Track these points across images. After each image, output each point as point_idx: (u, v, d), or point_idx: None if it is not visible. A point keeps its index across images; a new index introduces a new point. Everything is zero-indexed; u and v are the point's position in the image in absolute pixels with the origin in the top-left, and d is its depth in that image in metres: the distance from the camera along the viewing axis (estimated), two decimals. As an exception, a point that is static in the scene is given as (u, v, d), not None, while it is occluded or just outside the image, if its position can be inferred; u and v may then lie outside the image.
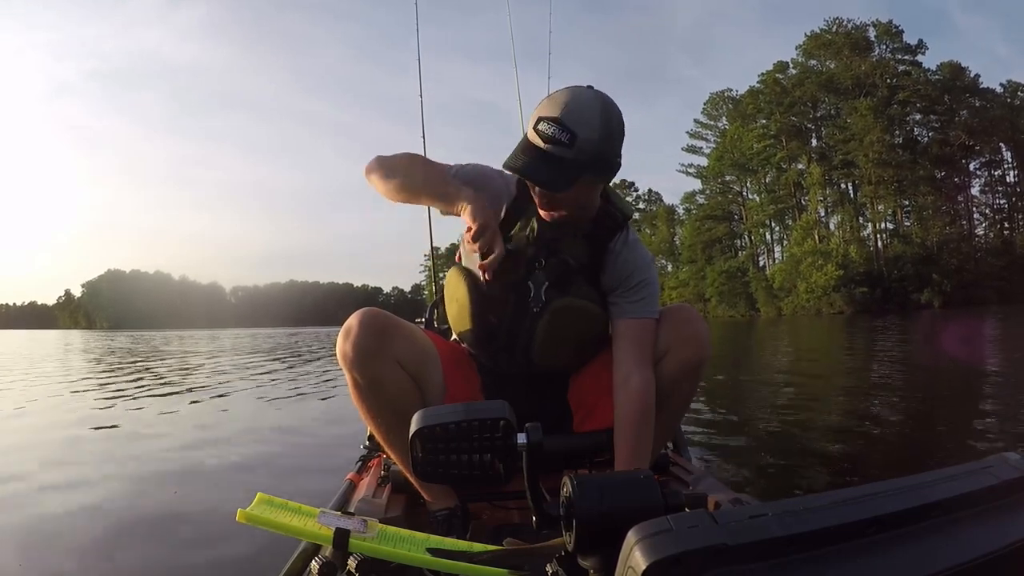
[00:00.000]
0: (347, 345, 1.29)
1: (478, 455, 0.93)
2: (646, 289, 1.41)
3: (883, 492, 0.47)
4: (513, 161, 1.23)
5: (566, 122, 1.19)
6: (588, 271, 1.41)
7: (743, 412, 4.24)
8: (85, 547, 1.92)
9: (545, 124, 1.20)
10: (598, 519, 0.65)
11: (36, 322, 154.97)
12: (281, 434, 3.82)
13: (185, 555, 1.83)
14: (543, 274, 1.39)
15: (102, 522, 2.15)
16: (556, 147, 1.20)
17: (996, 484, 0.50)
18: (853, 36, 52.27)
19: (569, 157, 1.20)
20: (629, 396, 1.32)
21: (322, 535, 1.03)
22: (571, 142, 1.19)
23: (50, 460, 3.17)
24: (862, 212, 52.01)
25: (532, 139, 1.22)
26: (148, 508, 2.30)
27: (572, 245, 1.40)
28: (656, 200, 68.47)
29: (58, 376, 8.68)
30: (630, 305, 1.39)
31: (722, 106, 60.18)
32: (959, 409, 3.78)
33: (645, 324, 1.39)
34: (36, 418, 4.79)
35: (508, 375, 1.48)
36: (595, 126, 1.21)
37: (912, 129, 51.13)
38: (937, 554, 0.43)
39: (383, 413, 1.34)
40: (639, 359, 1.35)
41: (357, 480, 1.73)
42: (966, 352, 7.85)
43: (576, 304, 1.40)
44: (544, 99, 1.26)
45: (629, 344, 1.37)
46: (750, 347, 12.85)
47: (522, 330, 1.42)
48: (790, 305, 47.39)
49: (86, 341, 26.34)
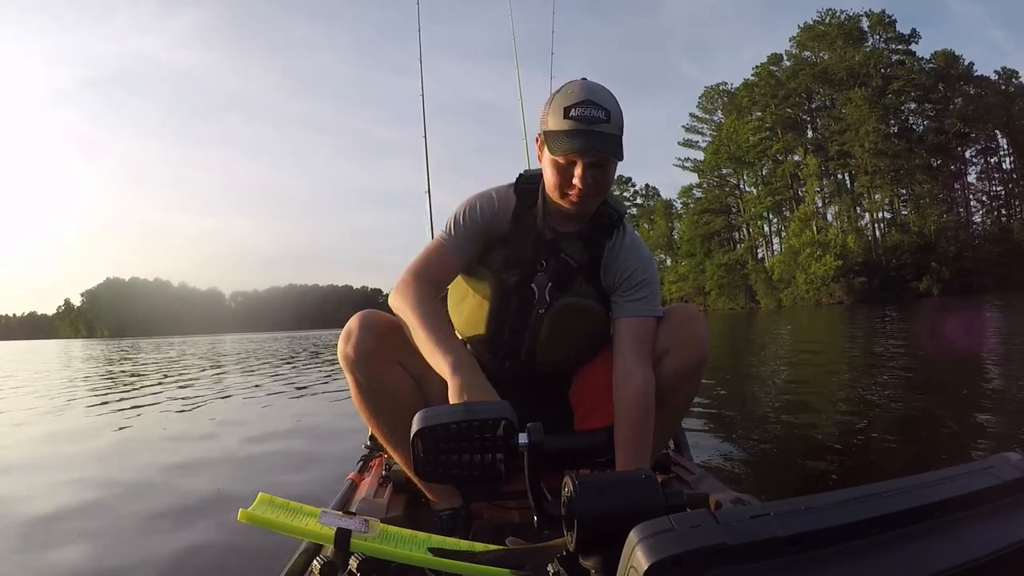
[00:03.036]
0: (348, 347, 1.30)
1: (479, 455, 0.93)
2: (647, 288, 1.42)
3: (885, 492, 0.46)
4: (569, 145, 1.25)
5: (598, 102, 1.26)
6: (588, 270, 1.42)
7: (744, 411, 4.23)
8: (84, 547, 1.93)
9: (580, 108, 1.25)
10: (599, 519, 0.65)
11: (36, 332, 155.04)
12: (282, 434, 3.81)
13: (186, 555, 1.83)
14: (545, 276, 1.41)
15: (101, 523, 2.16)
16: (599, 124, 1.26)
17: (998, 484, 0.49)
18: (846, 27, 52.30)
19: (611, 132, 1.27)
20: (629, 395, 1.32)
21: (323, 535, 1.03)
22: (608, 117, 1.26)
23: (47, 460, 3.16)
24: (859, 202, 52.08)
25: (571, 126, 1.26)
26: (148, 508, 2.29)
27: (571, 246, 1.42)
28: (653, 195, 68.50)
29: (60, 384, 8.67)
30: (630, 304, 1.40)
31: (717, 99, 60.25)
32: (961, 405, 3.77)
33: (645, 323, 1.39)
34: (34, 427, 4.77)
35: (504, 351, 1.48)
36: (614, 103, 1.29)
37: (907, 118, 51.20)
38: (938, 554, 0.43)
39: (385, 414, 1.35)
40: (639, 358, 1.36)
41: (358, 480, 1.73)
42: (967, 341, 7.85)
43: (577, 303, 1.42)
44: (556, 94, 1.32)
45: (629, 343, 1.37)
46: (750, 339, 12.86)
47: (526, 333, 1.43)
48: (789, 296, 47.46)
49: (88, 350, 26.28)
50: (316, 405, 5.31)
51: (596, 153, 1.26)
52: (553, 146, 1.27)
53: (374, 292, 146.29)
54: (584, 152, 1.25)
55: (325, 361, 10.82)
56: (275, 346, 20.86)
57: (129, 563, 1.79)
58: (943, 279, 43.07)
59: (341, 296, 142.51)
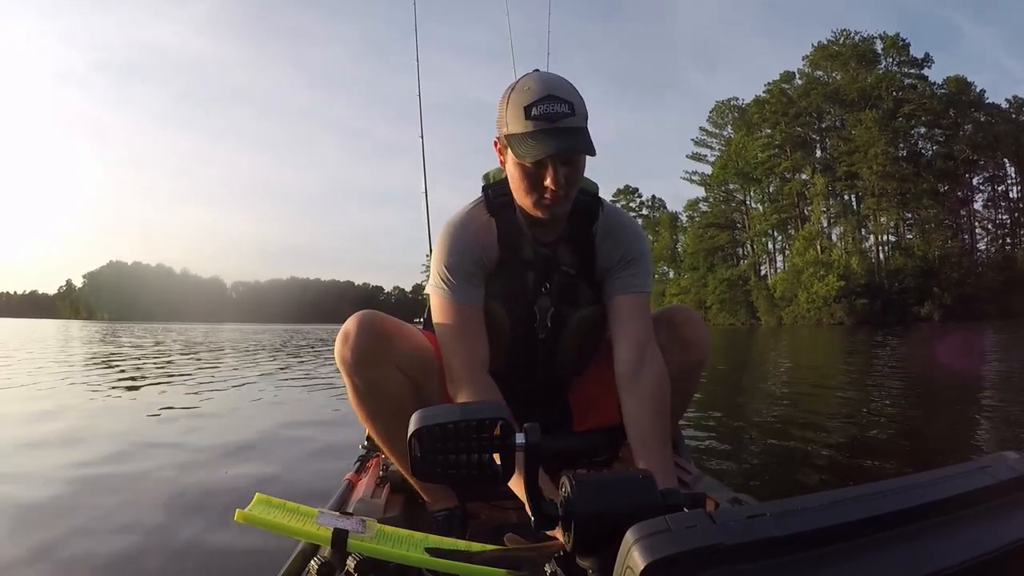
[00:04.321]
0: (345, 350, 1.28)
1: (476, 455, 0.94)
2: (643, 261, 1.39)
3: (881, 492, 0.46)
4: (538, 148, 1.16)
5: (559, 95, 1.18)
6: (584, 271, 1.40)
7: (742, 412, 4.24)
8: (81, 547, 1.87)
9: (542, 106, 1.17)
10: (597, 519, 0.65)
11: (36, 311, 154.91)
12: (279, 434, 3.78)
13: (182, 555, 1.80)
14: (548, 298, 1.38)
15: (98, 522, 2.10)
16: (564, 120, 1.17)
17: (995, 483, 0.49)
18: (860, 48, 52.36)
19: (578, 125, 1.19)
20: (645, 387, 1.28)
21: (320, 535, 1.03)
22: (572, 110, 1.18)
23: (44, 457, 3.14)
24: (864, 224, 51.99)
25: (536, 126, 1.17)
26: (144, 508, 2.24)
27: (564, 254, 1.39)
28: (659, 207, 68.55)
29: (53, 367, 8.67)
30: (628, 280, 1.37)
31: (728, 115, 60.27)
32: (958, 411, 3.78)
33: (644, 299, 1.37)
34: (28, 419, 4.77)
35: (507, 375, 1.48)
36: (575, 93, 1.22)
37: (916, 142, 51.14)
38: (935, 554, 0.43)
39: (382, 416, 1.33)
40: (647, 336, 1.32)
41: (355, 480, 1.72)
42: (965, 363, 7.84)
43: (587, 314, 1.40)
44: (511, 92, 1.23)
45: (628, 322, 1.34)
46: (750, 351, 12.84)
47: (539, 355, 1.42)
48: (790, 314, 47.36)
49: (90, 334, 26.20)
50: (313, 404, 5.28)
51: (570, 151, 1.18)
52: (519, 151, 1.18)
53: (375, 289, 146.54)
54: (556, 154, 1.16)
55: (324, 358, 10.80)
56: (274, 339, 20.82)
57: (125, 563, 1.75)
58: (944, 305, 42.94)
59: (342, 291, 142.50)
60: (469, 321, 1.31)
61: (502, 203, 1.34)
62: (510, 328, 1.38)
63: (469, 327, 1.31)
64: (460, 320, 1.31)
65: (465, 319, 1.31)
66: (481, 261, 1.34)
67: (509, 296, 1.36)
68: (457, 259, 1.32)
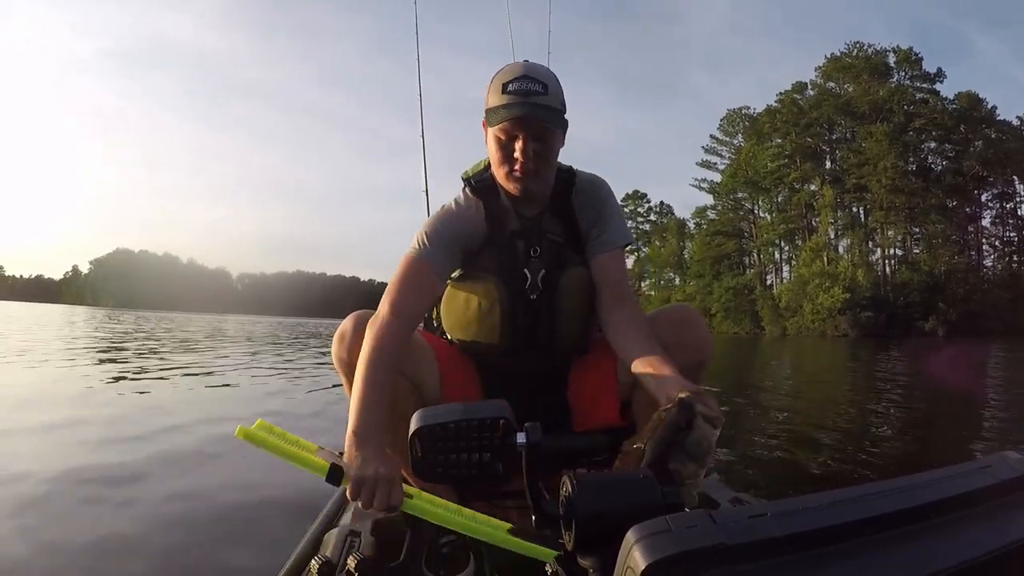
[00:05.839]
0: (343, 350, 1.29)
1: (477, 454, 0.94)
2: (616, 215, 1.46)
3: (882, 492, 0.46)
4: (507, 113, 1.25)
5: (535, 76, 1.28)
6: (571, 239, 1.45)
7: (743, 413, 4.23)
8: (78, 546, 1.78)
9: (517, 83, 1.27)
10: (597, 519, 0.66)
11: (41, 295, 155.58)
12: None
13: (182, 554, 1.74)
14: (539, 261, 1.42)
15: (95, 521, 1.99)
16: (536, 96, 1.26)
17: (995, 483, 0.49)
18: (872, 61, 52.16)
19: (549, 104, 1.28)
20: (639, 334, 1.28)
21: (317, 465, 1.03)
22: (545, 90, 1.28)
23: (37, 454, 3.11)
24: (872, 237, 51.77)
25: (509, 99, 1.26)
26: (142, 506, 2.14)
27: (549, 223, 1.44)
28: (667, 213, 68.43)
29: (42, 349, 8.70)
30: (599, 240, 1.43)
31: (738, 123, 60.10)
32: (959, 415, 3.77)
33: (615, 253, 1.43)
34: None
35: (506, 374, 1.48)
36: (554, 80, 1.31)
37: (926, 157, 50.89)
38: (936, 553, 0.43)
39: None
40: (617, 292, 1.38)
41: None
42: (967, 376, 7.82)
43: (576, 274, 1.43)
44: (495, 76, 1.32)
45: (605, 281, 1.39)
46: (753, 359, 12.81)
47: (535, 320, 1.43)
48: (795, 325, 47.18)
49: (98, 323, 26.15)
50: (312, 403, 5.24)
51: (533, 121, 1.26)
52: (492, 119, 1.28)
53: (380, 286, 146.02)
54: (521, 120, 1.25)
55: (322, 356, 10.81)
56: (279, 331, 20.74)
57: (124, 563, 1.68)
58: (949, 320, 42.69)
59: (348, 287, 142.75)
60: (420, 279, 1.33)
61: (484, 187, 1.42)
62: (504, 294, 1.40)
63: (415, 282, 1.33)
64: (412, 274, 1.33)
65: (419, 275, 1.33)
66: (462, 236, 1.39)
67: (502, 267, 1.41)
68: (438, 228, 1.38)
